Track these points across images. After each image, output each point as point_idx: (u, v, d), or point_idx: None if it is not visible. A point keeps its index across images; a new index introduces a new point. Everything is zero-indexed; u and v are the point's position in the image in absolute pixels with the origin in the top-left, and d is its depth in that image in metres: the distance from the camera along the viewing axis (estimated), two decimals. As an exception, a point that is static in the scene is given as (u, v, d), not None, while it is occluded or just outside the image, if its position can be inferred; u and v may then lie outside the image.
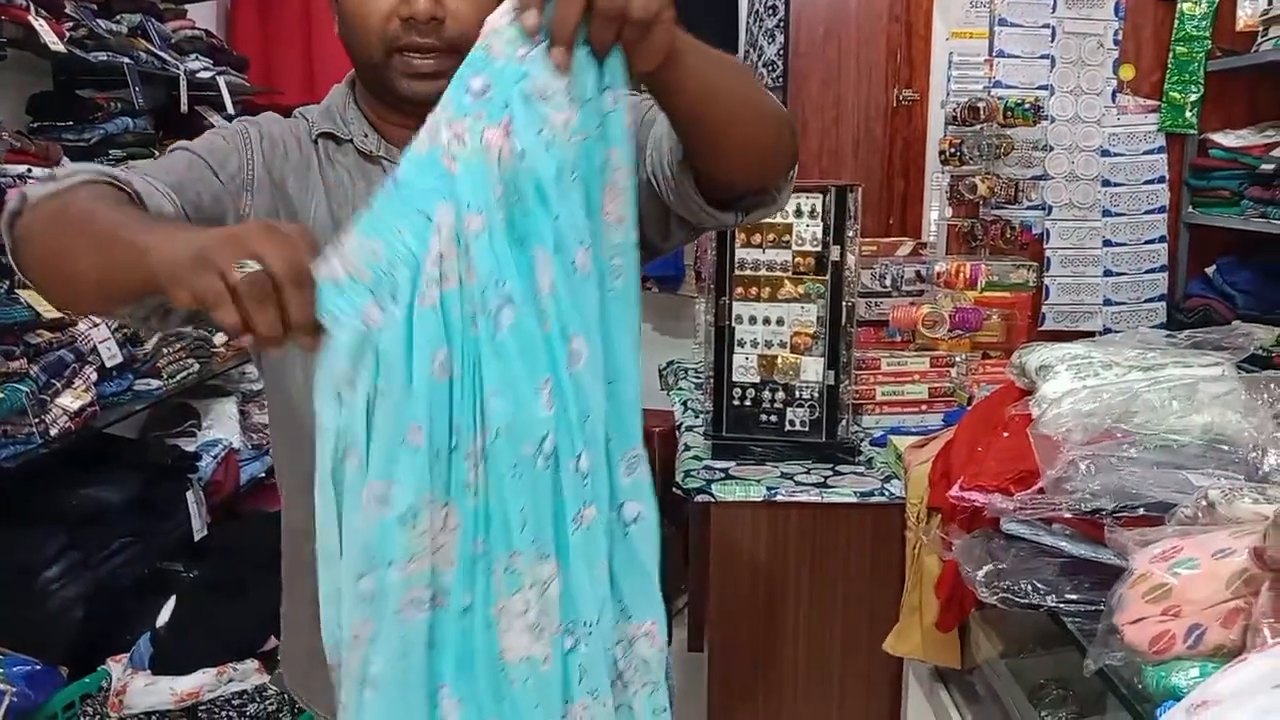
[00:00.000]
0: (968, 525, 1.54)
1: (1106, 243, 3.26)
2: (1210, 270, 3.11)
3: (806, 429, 2.23)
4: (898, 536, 1.95)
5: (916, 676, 1.95)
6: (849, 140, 3.81)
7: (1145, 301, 3.28)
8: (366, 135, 1.15)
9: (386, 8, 1.04)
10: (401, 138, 1.00)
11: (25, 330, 2.27)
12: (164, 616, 2.32)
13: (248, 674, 2.23)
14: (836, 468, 2.21)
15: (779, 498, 2.10)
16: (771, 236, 2.19)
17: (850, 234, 2.19)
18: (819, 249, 2.19)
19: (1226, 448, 1.37)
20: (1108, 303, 3.25)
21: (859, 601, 2.11)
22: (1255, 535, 1.06)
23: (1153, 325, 3.21)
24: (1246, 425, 1.41)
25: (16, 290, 2.29)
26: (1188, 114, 3.16)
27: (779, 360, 2.21)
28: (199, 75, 2.91)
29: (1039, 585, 1.29)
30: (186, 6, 3.14)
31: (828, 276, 2.19)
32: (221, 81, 3.01)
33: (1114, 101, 3.23)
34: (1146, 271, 3.27)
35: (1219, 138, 3.06)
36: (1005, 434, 1.54)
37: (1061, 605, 1.26)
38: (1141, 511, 1.31)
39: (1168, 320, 3.24)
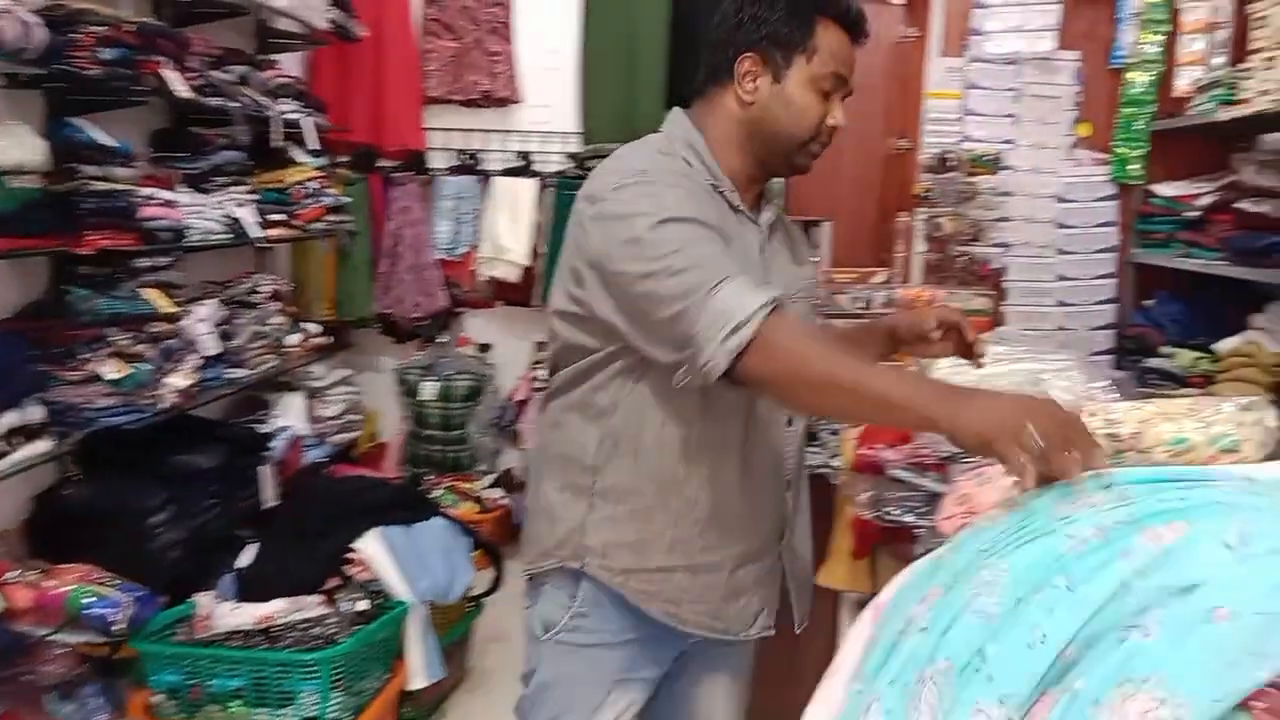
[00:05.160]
0: (873, 475, 2.02)
1: (1061, 277, 3.72)
2: (1149, 303, 3.55)
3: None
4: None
5: (847, 607, 2.41)
6: (847, 183, 4.31)
7: (1094, 329, 3.72)
8: (733, 191, 1.54)
9: (822, 114, 1.51)
10: (748, 196, 1.56)
11: (145, 321, 2.79)
12: (245, 559, 2.83)
13: (313, 605, 2.71)
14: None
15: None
16: (747, 259, 2.69)
17: (814, 258, 2.68)
18: (786, 270, 2.67)
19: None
20: (1060, 329, 3.70)
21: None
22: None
23: (1100, 351, 3.66)
24: (1080, 401, 1.88)
25: (138, 290, 2.83)
26: (1130, 167, 3.62)
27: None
28: (288, 116, 3.46)
29: (901, 507, 1.77)
30: (277, 57, 3.70)
31: (792, 292, 2.68)
32: (310, 122, 3.56)
33: (1071, 155, 3.70)
34: (1096, 303, 3.72)
35: (1159, 188, 3.51)
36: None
37: (909, 520, 1.74)
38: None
39: (1115, 345, 3.68)
